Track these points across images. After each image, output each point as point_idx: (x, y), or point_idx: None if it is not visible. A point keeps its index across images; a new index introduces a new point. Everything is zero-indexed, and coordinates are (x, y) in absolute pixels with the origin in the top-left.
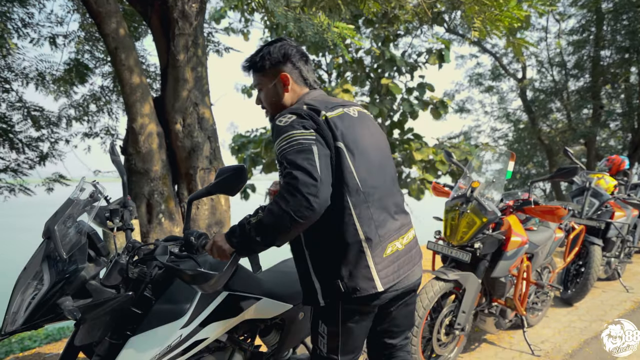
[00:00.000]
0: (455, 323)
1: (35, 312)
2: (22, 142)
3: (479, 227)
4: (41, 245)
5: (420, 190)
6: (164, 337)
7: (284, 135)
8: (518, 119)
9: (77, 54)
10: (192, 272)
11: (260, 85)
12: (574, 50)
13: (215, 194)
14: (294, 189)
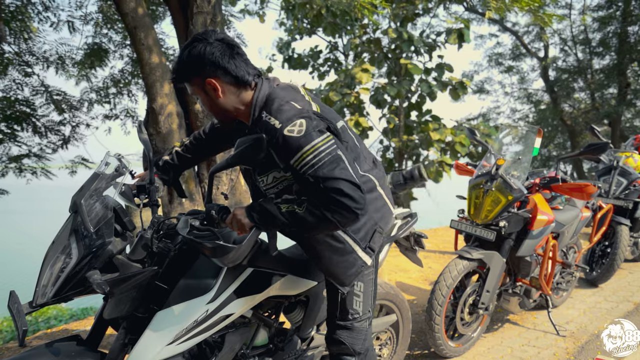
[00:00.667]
0: (479, 302)
1: (65, 285)
2: (45, 126)
3: (504, 205)
4: (68, 219)
5: (438, 172)
6: (191, 311)
7: (306, 149)
8: (539, 100)
9: (95, 37)
10: (210, 244)
11: (193, 94)
12: (599, 27)
13: (236, 165)
14: (341, 207)
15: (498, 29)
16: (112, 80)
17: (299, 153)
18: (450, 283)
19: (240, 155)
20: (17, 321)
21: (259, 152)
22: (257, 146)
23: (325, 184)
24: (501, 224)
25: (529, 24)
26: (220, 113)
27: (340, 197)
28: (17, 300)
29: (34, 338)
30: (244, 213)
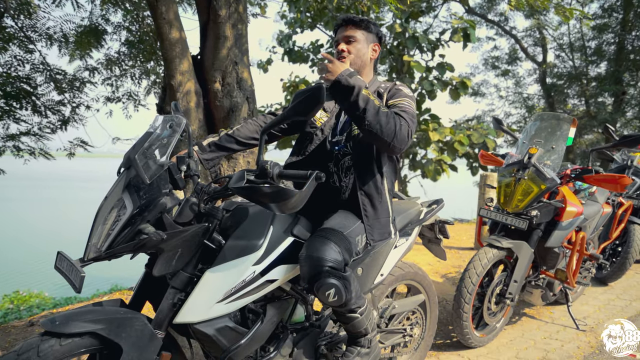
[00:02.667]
0: (507, 292)
1: (118, 237)
2: (45, 105)
3: (537, 194)
4: (121, 175)
5: (436, 171)
6: (239, 271)
7: (408, 97)
8: (533, 105)
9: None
10: (272, 189)
11: (356, 40)
12: (594, 36)
13: (291, 118)
14: (407, 129)
15: (495, 32)
16: (111, 62)
17: (406, 96)
18: (480, 271)
19: (296, 108)
20: (71, 273)
21: (317, 103)
22: (316, 96)
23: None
24: (533, 213)
25: (528, 28)
26: (359, 63)
27: (406, 125)
28: (66, 257)
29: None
30: (339, 66)
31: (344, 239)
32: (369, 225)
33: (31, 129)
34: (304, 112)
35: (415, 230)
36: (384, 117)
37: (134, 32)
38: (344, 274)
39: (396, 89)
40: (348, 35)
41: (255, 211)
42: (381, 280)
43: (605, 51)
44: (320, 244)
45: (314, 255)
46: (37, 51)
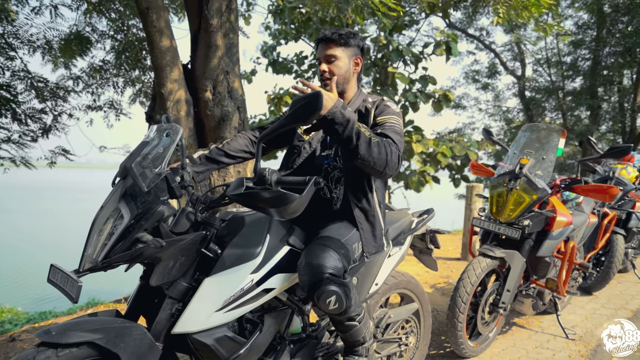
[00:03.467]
0: (500, 302)
1: (114, 247)
2: (25, 113)
3: (528, 204)
4: (117, 184)
5: (420, 182)
6: (237, 279)
7: (395, 115)
8: (511, 119)
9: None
10: (272, 193)
11: (336, 58)
12: (570, 52)
13: (289, 125)
14: (397, 155)
15: (475, 47)
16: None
17: (390, 114)
18: (474, 281)
19: (295, 115)
20: (66, 284)
21: (315, 110)
22: (314, 102)
23: (392, 138)
24: (525, 222)
25: (507, 43)
26: (344, 80)
27: (396, 149)
28: (60, 269)
29: None
30: (333, 100)
31: (342, 246)
32: (365, 239)
33: (11, 137)
34: (303, 119)
35: (408, 240)
36: (376, 148)
37: (119, 40)
38: (344, 281)
39: (384, 105)
40: (328, 54)
41: (251, 220)
42: (376, 289)
43: (580, 66)
44: (319, 251)
45: (313, 263)
46: (19, 58)
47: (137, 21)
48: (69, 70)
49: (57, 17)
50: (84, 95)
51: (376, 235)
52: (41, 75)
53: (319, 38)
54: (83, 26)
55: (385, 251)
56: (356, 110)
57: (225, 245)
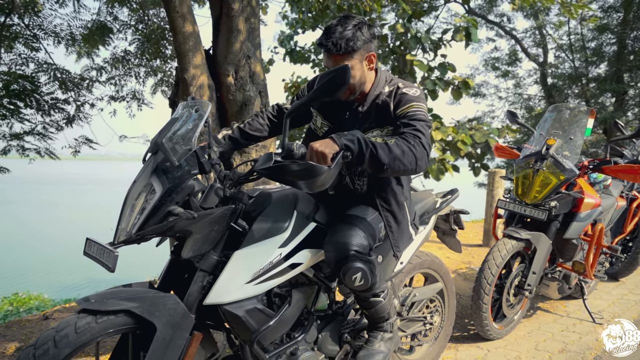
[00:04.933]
0: (525, 284)
1: (147, 220)
2: (48, 103)
3: (555, 185)
4: (148, 160)
5: (440, 170)
6: (266, 252)
7: (414, 101)
8: (532, 107)
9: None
10: (301, 166)
11: (351, 67)
12: (594, 37)
13: (317, 100)
14: (423, 145)
15: (495, 34)
16: (116, 60)
17: (410, 104)
18: (500, 262)
19: (322, 88)
20: (102, 256)
21: (343, 83)
22: (342, 76)
23: (417, 128)
24: (552, 204)
25: (528, 29)
26: (358, 85)
27: (423, 138)
28: (95, 242)
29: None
30: (327, 142)
31: (368, 225)
32: (395, 240)
33: (35, 128)
34: (330, 93)
35: (432, 219)
36: (397, 149)
37: (141, 30)
38: (370, 258)
39: (401, 94)
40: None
41: (278, 196)
42: (401, 268)
43: (605, 52)
44: (345, 229)
45: (340, 241)
46: (44, 49)
47: (157, 10)
48: (92, 59)
49: (80, 8)
50: (107, 87)
51: (404, 232)
52: (64, 66)
53: (319, 44)
54: (104, 16)
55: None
56: (374, 104)
57: (253, 221)
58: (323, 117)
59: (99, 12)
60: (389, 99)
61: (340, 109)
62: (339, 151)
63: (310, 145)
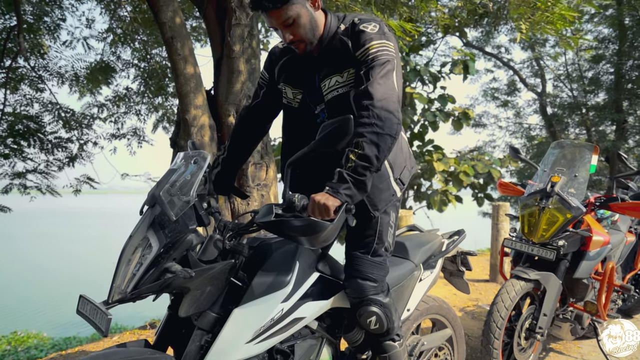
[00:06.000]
0: (537, 327)
1: (143, 278)
2: (52, 142)
3: (562, 223)
4: (145, 213)
5: (442, 202)
6: (267, 309)
7: (374, 40)
8: (533, 136)
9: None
10: (303, 222)
11: (291, 18)
12: (591, 67)
13: (319, 151)
14: (387, 111)
15: (493, 65)
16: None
17: (370, 45)
18: (509, 305)
19: (324, 140)
20: (95, 317)
21: (346, 134)
22: (344, 127)
23: (375, 87)
24: (560, 243)
25: (526, 60)
26: (310, 33)
27: (387, 108)
28: (89, 300)
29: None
30: (326, 195)
31: (377, 265)
32: (370, 198)
33: (37, 167)
34: (332, 145)
35: (439, 263)
36: (371, 147)
37: (143, 68)
38: (384, 302)
39: (358, 32)
40: (283, 21)
41: (279, 247)
42: (408, 315)
43: (603, 81)
44: (357, 276)
45: (353, 287)
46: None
47: (160, 50)
48: (94, 97)
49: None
50: (108, 125)
51: (381, 187)
52: (67, 105)
53: (253, 6)
54: (108, 55)
55: (417, 272)
56: (330, 46)
57: (254, 273)
58: (293, 87)
59: (103, 52)
60: (345, 38)
61: (304, 69)
62: (342, 204)
63: (312, 198)
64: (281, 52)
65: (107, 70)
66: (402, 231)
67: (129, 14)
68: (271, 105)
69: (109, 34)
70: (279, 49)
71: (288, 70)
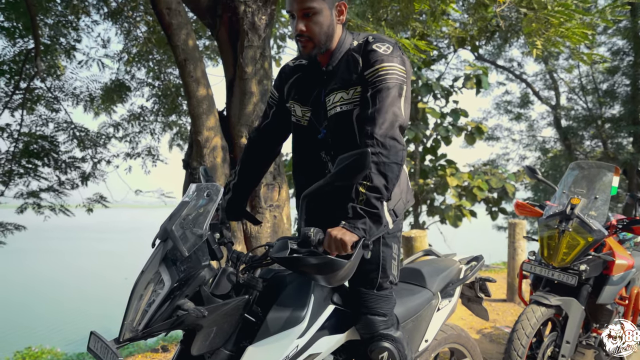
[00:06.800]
0: (559, 355)
1: (155, 315)
2: (65, 162)
3: (583, 247)
4: (157, 247)
5: (457, 217)
6: (282, 346)
7: (385, 62)
8: (548, 149)
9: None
10: (319, 259)
11: (314, 11)
12: (605, 79)
13: (335, 184)
14: (391, 139)
15: (506, 77)
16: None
17: (379, 67)
18: (529, 332)
19: (341, 173)
20: (105, 356)
21: (363, 168)
22: (361, 161)
23: (384, 112)
24: (582, 267)
25: (538, 72)
26: (324, 37)
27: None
28: (100, 338)
29: None
30: (343, 230)
31: (384, 298)
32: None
33: (52, 186)
34: (348, 178)
35: (457, 291)
36: (379, 178)
37: (157, 86)
38: (396, 336)
39: (370, 50)
40: (305, 8)
41: (294, 279)
42: (426, 346)
43: (618, 93)
44: (365, 312)
45: (365, 323)
46: (64, 110)
47: (173, 68)
48: (110, 115)
49: (100, 68)
50: (123, 144)
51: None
52: (82, 124)
53: None
54: (123, 74)
55: (435, 302)
56: (341, 61)
57: (268, 307)
58: (302, 104)
59: (118, 72)
60: (357, 55)
61: (313, 86)
62: (359, 239)
63: (328, 232)
64: (292, 70)
65: (121, 88)
66: (417, 256)
67: (143, 35)
68: (281, 125)
69: (123, 54)
70: (290, 67)
71: (298, 87)
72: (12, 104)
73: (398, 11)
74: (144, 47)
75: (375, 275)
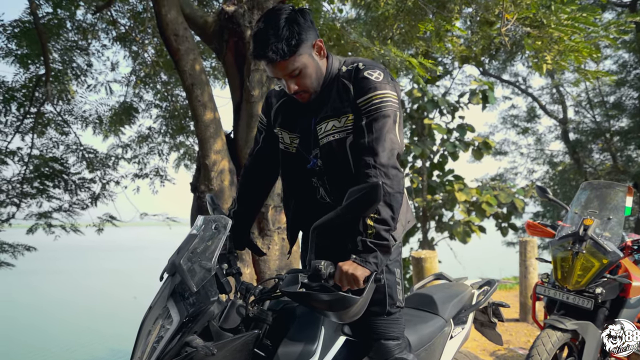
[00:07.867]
0: None
1: (163, 352)
2: (76, 183)
3: (598, 269)
4: (165, 282)
5: (466, 233)
6: None
7: (378, 90)
8: (556, 163)
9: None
10: (331, 296)
11: (298, 69)
12: (612, 91)
13: (345, 217)
14: (393, 168)
15: (512, 92)
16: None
17: (373, 95)
18: (545, 357)
19: (352, 206)
20: None
21: (374, 201)
22: (373, 194)
23: (380, 140)
24: (597, 290)
25: (544, 87)
26: (316, 82)
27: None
28: None
29: None
30: (354, 265)
31: (394, 322)
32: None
33: (62, 206)
34: (359, 212)
35: (470, 317)
36: (386, 210)
37: (165, 108)
38: (410, 359)
39: (362, 78)
40: (289, 72)
41: (304, 311)
42: None
43: (626, 105)
44: (378, 338)
45: (376, 348)
46: (73, 132)
47: (180, 90)
48: (119, 137)
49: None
50: (132, 165)
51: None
52: (91, 146)
53: (255, 56)
54: (131, 96)
55: (447, 329)
56: (331, 87)
57: (277, 340)
58: (290, 131)
59: (126, 94)
60: (347, 82)
61: (301, 112)
62: (371, 274)
63: (339, 267)
64: (277, 94)
65: (130, 110)
66: (428, 280)
67: (151, 57)
68: (273, 150)
69: (132, 77)
70: (275, 91)
71: (284, 113)
72: (24, 129)
73: (403, 29)
74: (151, 70)
75: (383, 303)
